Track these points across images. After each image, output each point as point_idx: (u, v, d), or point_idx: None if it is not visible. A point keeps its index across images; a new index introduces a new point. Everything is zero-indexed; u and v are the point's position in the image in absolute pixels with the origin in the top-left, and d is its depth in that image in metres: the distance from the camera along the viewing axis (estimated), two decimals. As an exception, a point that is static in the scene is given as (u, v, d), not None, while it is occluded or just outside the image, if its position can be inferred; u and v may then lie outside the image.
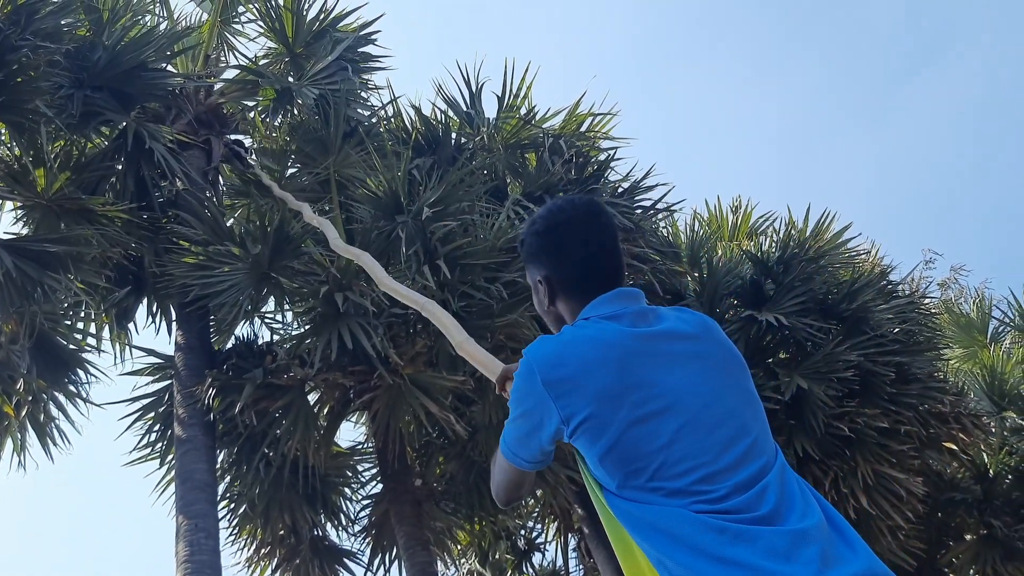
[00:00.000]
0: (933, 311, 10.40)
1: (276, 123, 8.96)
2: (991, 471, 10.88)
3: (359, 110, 9.08)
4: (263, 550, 8.87)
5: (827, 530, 1.50)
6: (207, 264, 7.55)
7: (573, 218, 1.82)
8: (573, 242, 1.80)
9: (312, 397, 7.88)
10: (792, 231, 9.82)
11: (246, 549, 8.84)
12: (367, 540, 9.01)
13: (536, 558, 10.48)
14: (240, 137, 9.20)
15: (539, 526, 10.57)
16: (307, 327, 7.61)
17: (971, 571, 11.03)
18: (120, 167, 8.23)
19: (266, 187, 7.61)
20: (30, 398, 8.03)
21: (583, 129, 9.64)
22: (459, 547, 9.98)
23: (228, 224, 8.09)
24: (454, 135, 9.25)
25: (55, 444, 8.21)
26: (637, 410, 1.56)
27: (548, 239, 1.83)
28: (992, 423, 10.82)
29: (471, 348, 2.63)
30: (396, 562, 8.86)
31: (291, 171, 8.68)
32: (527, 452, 1.74)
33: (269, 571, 8.95)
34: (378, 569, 8.95)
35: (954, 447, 9.89)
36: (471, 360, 2.61)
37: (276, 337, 8.30)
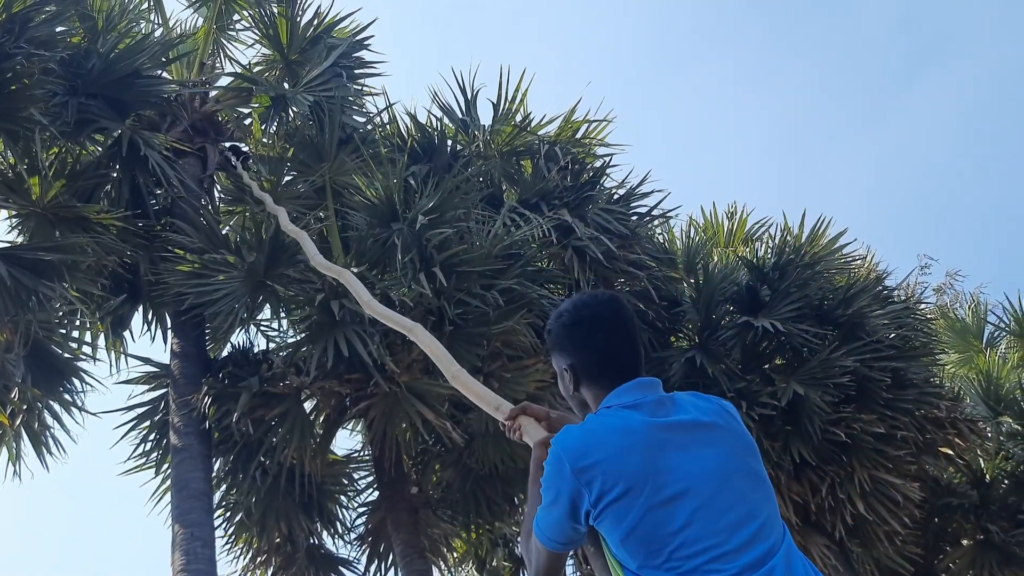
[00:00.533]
0: (929, 316, 10.43)
1: (271, 130, 8.94)
2: (987, 476, 10.89)
3: (354, 117, 9.08)
4: (259, 558, 8.85)
5: None
6: (202, 272, 7.53)
7: (598, 314, 1.99)
8: (597, 335, 1.97)
9: (308, 405, 7.86)
10: (788, 237, 9.83)
11: (242, 557, 8.83)
12: (363, 548, 9.00)
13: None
14: (237, 144, 9.18)
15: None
16: (303, 335, 7.60)
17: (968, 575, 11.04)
18: (115, 175, 8.21)
19: (255, 196, 7.59)
20: (25, 407, 7.98)
21: (579, 136, 9.65)
22: (456, 555, 9.95)
23: (224, 232, 8.08)
24: (450, 142, 9.25)
25: (50, 453, 8.17)
26: (657, 495, 1.70)
27: (575, 331, 1.99)
28: (988, 428, 10.84)
29: (465, 379, 2.70)
30: (392, 569, 8.85)
31: (287, 179, 8.66)
32: (562, 535, 1.84)
33: (266, 579, 8.92)
34: (374, 577, 8.93)
35: (950, 452, 9.90)
36: (465, 392, 2.64)
37: (272, 345, 8.31)
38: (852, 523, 9.04)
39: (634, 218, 9.18)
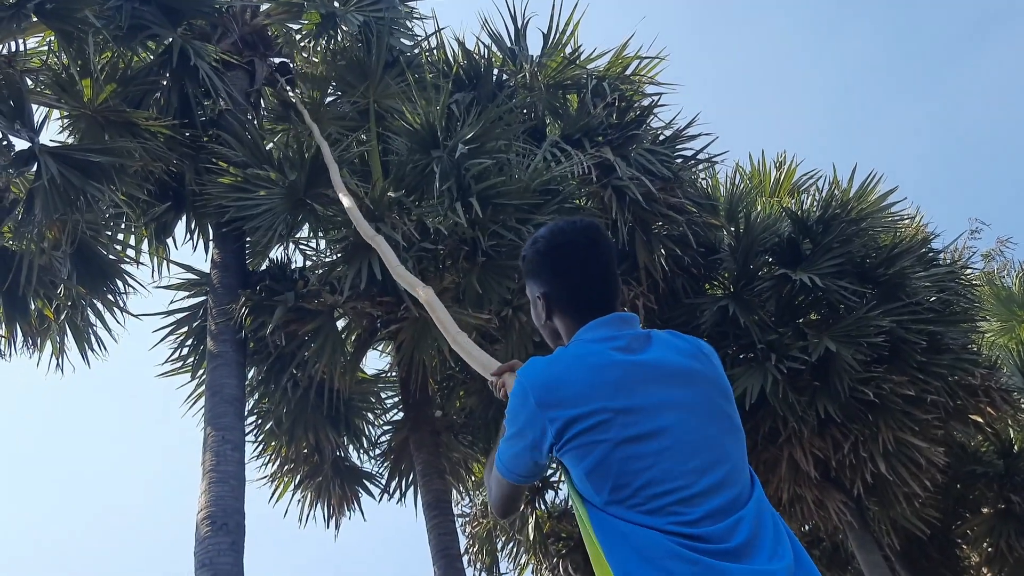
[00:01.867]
0: (974, 282, 10.20)
1: (319, 48, 8.90)
2: (1016, 447, 10.78)
3: (402, 39, 8.99)
4: (287, 466, 9.15)
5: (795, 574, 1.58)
6: (244, 186, 7.63)
7: (575, 241, 1.91)
8: (573, 264, 1.90)
9: (341, 323, 8.01)
10: (835, 191, 9.63)
11: (270, 464, 9.12)
12: (386, 464, 9.25)
13: (549, 495, 10.68)
14: (285, 60, 9.18)
15: (553, 465, 10.71)
16: (339, 255, 7.70)
17: (985, 544, 11.04)
18: (165, 83, 8.29)
19: (306, 123, 7.61)
20: (69, 303, 8.27)
21: (628, 72, 9.44)
22: (474, 479, 10.20)
23: (267, 148, 8.14)
24: (496, 71, 9.13)
25: (92, 350, 8.47)
26: (626, 431, 1.65)
27: (550, 258, 1.92)
28: (1022, 399, 10.68)
29: (464, 342, 2.69)
30: (413, 487, 9.09)
31: (330, 98, 8.65)
32: (522, 468, 1.83)
33: (292, 487, 9.24)
34: (395, 492, 9.20)
35: (980, 420, 9.80)
36: (465, 356, 2.63)
37: (309, 263, 8.42)
38: (872, 482, 9.05)
39: (678, 161, 9.03)
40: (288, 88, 8.47)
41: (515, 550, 10.72)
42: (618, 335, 1.81)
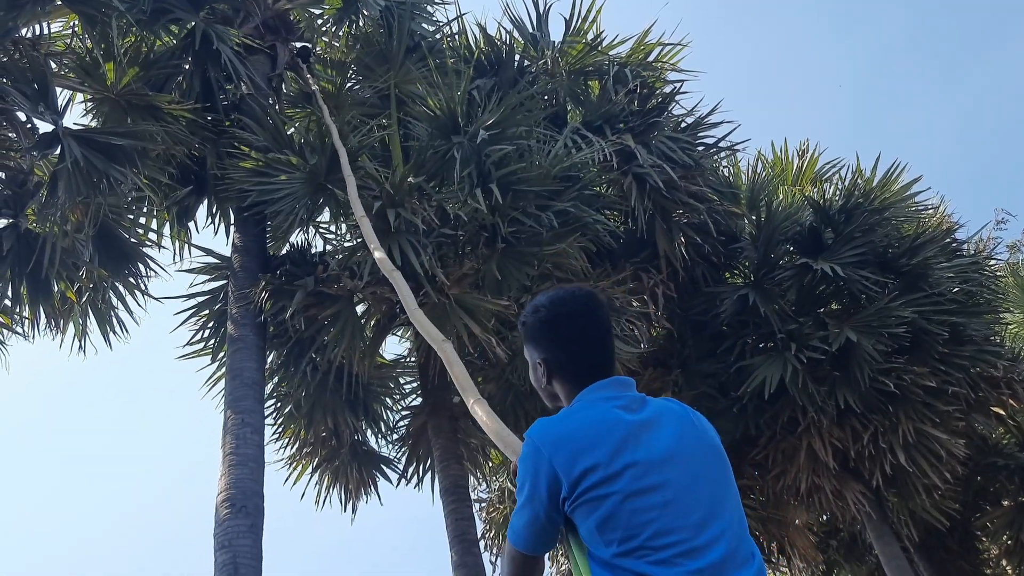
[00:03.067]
0: (998, 273, 10.10)
1: (340, 33, 8.88)
2: (1038, 440, 10.70)
3: (424, 24, 8.96)
4: (305, 449, 9.20)
5: None
6: (265, 171, 7.64)
7: (574, 311, 2.02)
8: (573, 332, 2.00)
9: (360, 308, 8.02)
10: (858, 180, 9.55)
11: (289, 447, 9.18)
12: (404, 449, 9.27)
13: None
14: (306, 44, 9.17)
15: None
16: (359, 240, 7.70)
17: (1005, 536, 10.98)
18: (187, 67, 8.30)
19: (319, 105, 7.60)
20: (91, 286, 8.32)
21: (650, 59, 9.37)
22: (491, 465, 10.22)
23: (289, 133, 8.14)
24: (517, 57, 9.10)
25: (113, 332, 8.53)
26: (633, 484, 1.74)
27: (551, 327, 2.02)
28: (1046, 392, 10.56)
29: (483, 410, 2.67)
30: (430, 472, 9.12)
31: (351, 83, 8.64)
32: (536, 533, 1.85)
33: (310, 470, 9.30)
34: (412, 477, 9.23)
35: (1002, 412, 9.74)
36: (481, 422, 2.64)
37: (329, 247, 8.44)
38: (891, 473, 9.01)
39: (700, 148, 8.97)
40: (309, 76, 8.45)
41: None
42: (619, 396, 1.92)
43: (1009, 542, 10.85)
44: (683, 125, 9.13)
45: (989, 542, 11.49)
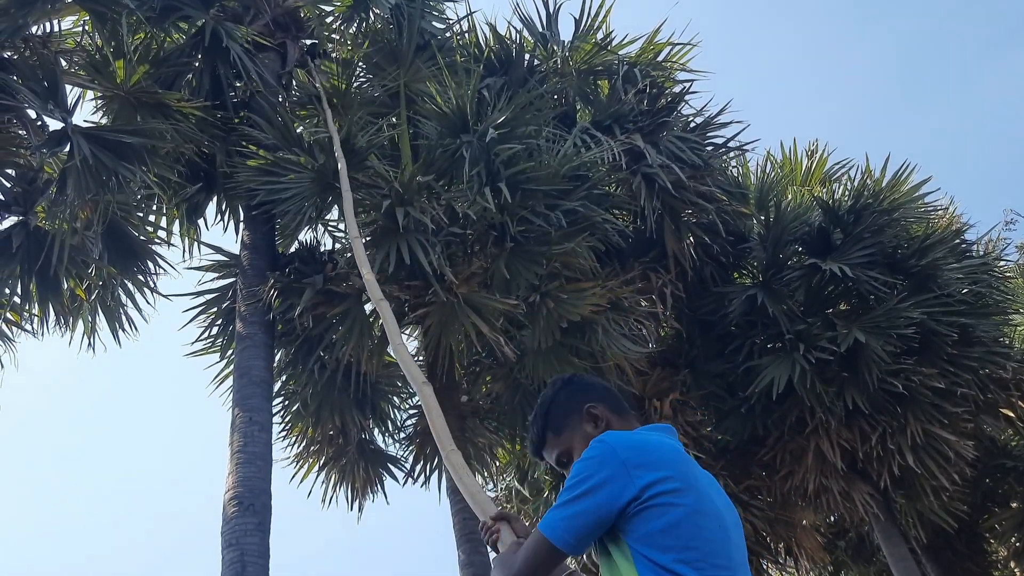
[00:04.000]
0: (1007, 274, 10.07)
1: (350, 30, 8.88)
2: (1047, 442, 10.66)
3: (434, 23, 8.95)
4: (312, 447, 9.19)
5: None
6: (274, 170, 7.65)
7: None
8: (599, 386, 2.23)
9: (369, 307, 8.01)
10: (868, 180, 9.53)
11: (297, 445, 9.16)
12: (411, 448, 9.26)
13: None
14: (316, 42, 9.17)
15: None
16: (367, 238, 7.69)
17: (1013, 538, 10.95)
18: (197, 64, 8.31)
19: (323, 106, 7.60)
20: (100, 283, 8.34)
21: (660, 59, 9.36)
22: (499, 464, 10.20)
23: (298, 131, 8.15)
24: (527, 56, 9.09)
25: (123, 329, 8.55)
26: (698, 504, 1.83)
27: (584, 384, 2.21)
28: (1055, 394, 10.52)
29: (457, 462, 2.69)
30: (437, 472, 9.11)
31: (360, 82, 8.63)
32: (579, 530, 1.85)
33: (317, 468, 9.29)
34: (419, 476, 9.22)
35: (1011, 414, 9.72)
36: (454, 474, 2.65)
37: (338, 245, 8.42)
38: (899, 474, 9.00)
39: (709, 148, 8.96)
40: (315, 77, 8.44)
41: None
42: (673, 438, 2.03)
43: (1017, 544, 10.82)
44: (692, 125, 9.11)
45: (997, 544, 11.45)
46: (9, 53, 7.42)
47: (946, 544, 10.91)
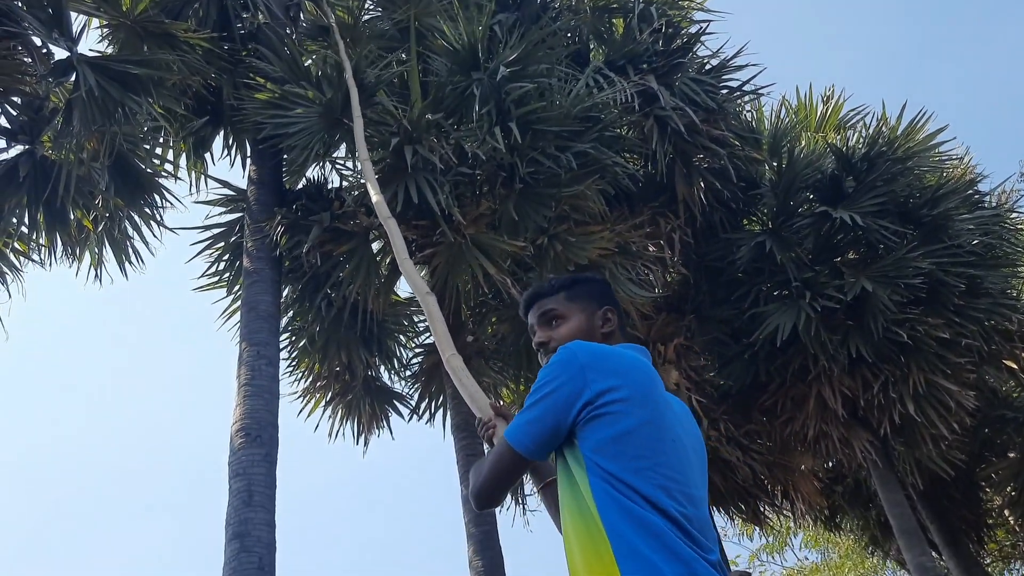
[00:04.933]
0: (1019, 226, 9.97)
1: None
2: (1048, 393, 10.70)
3: (446, -46, 8.74)
4: (319, 383, 9.28)
5: None
6: (281, 103, 7.55)
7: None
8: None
9: (376, 245, 8.01)
10: (883, 128, 9.38)
11: (303, 380, 9.26)
12: (416, 386, 9.34)
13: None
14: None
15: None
16: (376, 176, 7.63)
17: (1009, 488, 11.08)
18: (203, -7, 8.15)
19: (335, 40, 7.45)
20: (107, 215, 8.32)
21: (677, -4, 9.16)
22: (503, 403, 10.30)
23: (306, 64, 8.02)
24: (541, -9, 8.89)
25: (129, 262, 8.55)
26: (655, 416, 1.81)
27: (613, 294, 2.23)
28: (1059, 347, 10.53)
29: (457, 366, 2.66)
30: (442, 410, 9.21)
31: (369, 15, 8.46)
32: (538, 435, 1.85)
33: (323, 403, 9.40)
34: (424, 413, 9.33)
35: (1014, 366, 9.74)
36: (453, 377, 2.62)
37: (345, 183, 8.36)
38: (899, 422, 9.06)
39: (723, 92, 8.80)
40: (323, 10, 8.26)
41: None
42: (642, 355, 2.02)
43: (1013, 493, 10.95)
44: (707, 67, 8.94)
45: (993, 492, 11.60)
46: (13, -22, 7.27)
47: (942, 492, 11.05)
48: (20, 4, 6.98)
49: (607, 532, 1.67)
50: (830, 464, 10.73)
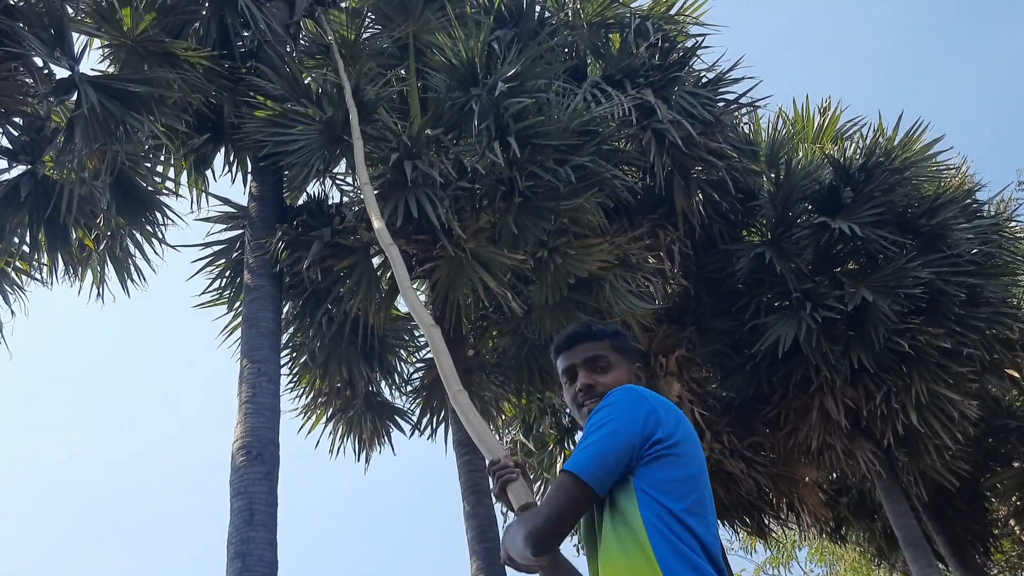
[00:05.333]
0: (1018, 235, 9.99)
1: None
2: (1051, 402, 10.68)
3: (445, -28, 8.82)
4: (320, 399, 9.27)
5: None
6: (281, 121, 7.60)
7: None
8: None
9: (376, 260, 8.03)
10: (880, 139, 9.43)
11: (304, 396, 9.24)
12: (418, 401, 9.33)
13: (578, 436, 10.75)
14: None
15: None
16: (375, 192, 7.66)
17: (1014, 497, 11.03)
18: (204, 13, 8.22)
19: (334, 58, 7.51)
20: (109, 233, 8.35)
21: (672, 12, 9.22)
22: (504, 418, 10.29)
23: (306, 82, 8.07)
24: (538, 8, 8.96)
25: (131, 280, 8.57)
26: (704, 466, 1.97)
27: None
28: (1061, 355, 10.51)
29: (464, 402, 2.64)
30: (443, 425, 9.20)
31: (369, 33, 8.52)
32: (606, 466, 1.87)
33: (325, 419, 9.39)
34: (426, 429, 9.31)
35: (1016, 375, 9.72)
36: (460, 415, 2.61)
37: (346, 199, 8.40)
38: (903, 433, 9.05)
39: (720, 104, 8.86)
40: (323, 28, 8.33)
41: (543, 488, 10.87)
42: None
43: (1018, 503, 10.91)
44: (704, 80, 9.00)
45: (998, 503, 11.55)
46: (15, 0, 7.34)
47: (947, 502, 11.01)
48: (22, 25, 7.04)
49: (661, 568, 1.75)
50: (834, 476, 10.71)
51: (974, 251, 9.18)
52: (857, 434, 9.20)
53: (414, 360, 9.56)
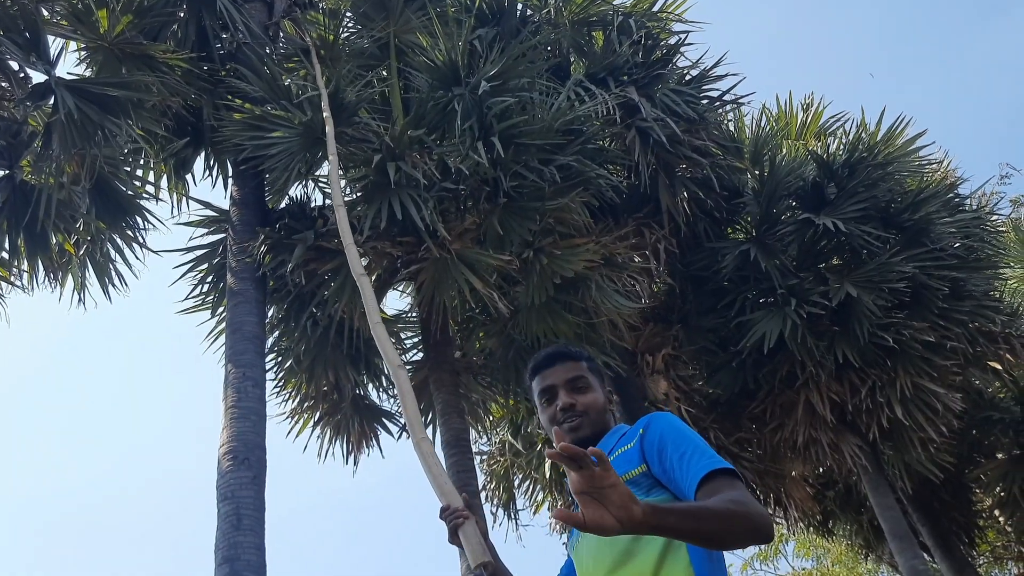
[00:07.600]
0: (1000, 228, 10.06)
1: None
2: (1034, 394, 10.77)
3: (423, -29, 8.76)
4: (307, 403, 9.20)
5: None
6: (261, 124, 7.51)
7: None
8: None
9: (362, 262, 7.96)
10: (863, 134, 9.46)
11: (291, 401, 9.17)
12: (404, 403, 9.27)
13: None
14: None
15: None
16: (358, 194, 7.62)
17: (998, 488, 11.12)
18: (181, 15, 8.13)
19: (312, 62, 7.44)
20: (89, 238, 8.25)
21: (655, 9, 9.20)
22: (492, 419, 10.26)
23: (286, 83, 7.99)
24: (520, 6, 8.92)
25: (112, 285, 8.47)
26: None
27: None
28: (1042, 347, 10.59)
29: (426, 449, 2.62)
30: (431, 426, 9.14)
31: (348, 33, 8.45)
32: None
33: (311, 423, 9.32)
34: (414, 431, 9.25)
35: (999, 367, 9.79)
36: (422, 460, 2.56)
37: (328, 201, 8.32)
38: (887, 427, 9.09)
39: (704, 102, 8.85)
40: (301, 30, 8.25)
41: (531, 488, 10.86)
42: None
43: (1002, 494, 10.99)
44: (687, 78, 8.99)
45: (983, 494, 11.64)
46: (-12, 2, 7.23)
47: (932, 494, 11.08)
48: (-4, 29, 6.94)
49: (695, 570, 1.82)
50: (820, 470, 10.75)
51: (957, 245, 9.24)
52: (843, 428, 9.24)
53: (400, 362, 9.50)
